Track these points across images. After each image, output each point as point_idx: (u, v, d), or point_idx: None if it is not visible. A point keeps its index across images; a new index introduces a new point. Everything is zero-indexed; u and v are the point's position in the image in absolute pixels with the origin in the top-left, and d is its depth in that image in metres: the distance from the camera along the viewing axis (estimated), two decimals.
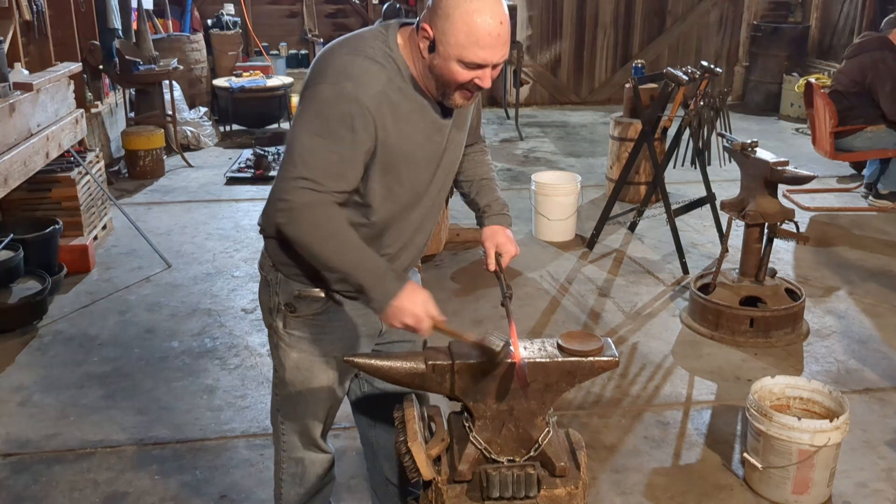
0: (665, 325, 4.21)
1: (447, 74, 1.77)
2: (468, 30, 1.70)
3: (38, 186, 4.80)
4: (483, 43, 1.71)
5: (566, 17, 9.53)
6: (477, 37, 1.70)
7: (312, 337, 2.08)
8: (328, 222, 1.80)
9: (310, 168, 1.77)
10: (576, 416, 3.38)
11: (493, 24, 1.71)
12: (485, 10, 1.70)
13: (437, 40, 1.74)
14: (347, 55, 1.81)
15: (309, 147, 1.78)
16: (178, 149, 7.29)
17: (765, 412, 2.80)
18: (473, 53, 1.72)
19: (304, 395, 2.15)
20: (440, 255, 5.01)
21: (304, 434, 2.22)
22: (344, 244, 1.82)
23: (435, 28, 1.74)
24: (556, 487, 1.86)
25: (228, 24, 8.87)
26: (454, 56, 1.73)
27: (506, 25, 1.73)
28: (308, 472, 2.27)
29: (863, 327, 4.18)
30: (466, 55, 1.72)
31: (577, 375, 1.86)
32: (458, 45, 1.71)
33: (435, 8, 1.75)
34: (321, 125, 1.77)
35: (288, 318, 2.07)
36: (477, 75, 1.77)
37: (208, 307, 4.38)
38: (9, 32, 4.82)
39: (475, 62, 1.74)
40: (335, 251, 1.81)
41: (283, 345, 2.11)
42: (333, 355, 2.10)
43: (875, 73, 5.67)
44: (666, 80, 4.77)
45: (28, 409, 3.46)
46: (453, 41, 1.72)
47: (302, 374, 2.12)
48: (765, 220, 3.95)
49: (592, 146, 7.84)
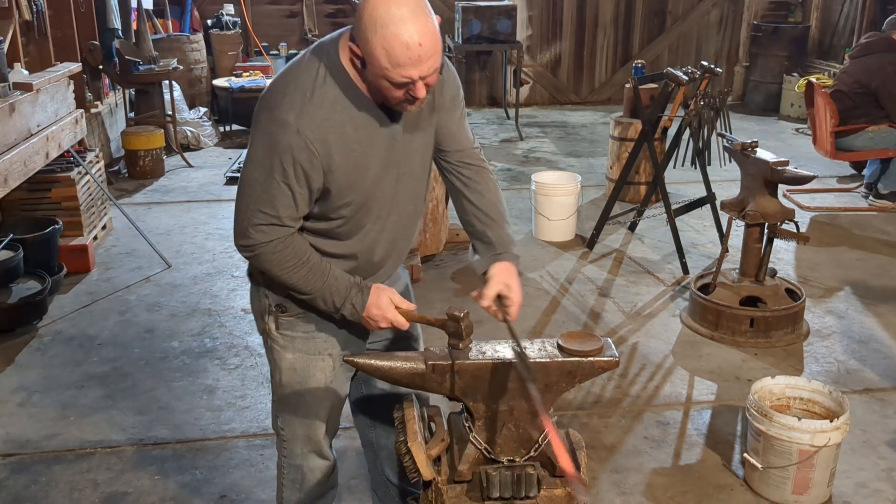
0: (665, 325, 4.21)
1: (381, 90, 1.78)
2: (387, 54, 1.69)
3: (38, 186, 4.80)
4: (404, 64, 1.70)
5: (566, 17, 9.53)
6: (396, 59, 1.69)
7: (305, 335, 2.08)
8: (291, 256, 1.90)
9: (263, 207, 1.84)
10: (576, 416, 3.38)
11: (411, 45, 1.68)
12: (401, 33, 1.68)
13: (364, 59, 1.75)
14: (293, 81, 1.83)
15: (259, 186, 1.83)
16: (178, 149, 7.29)
17: (765, 412, 2.80)
18: (398, 74, 1.71)
19: (303, 397, 2.14)
20: (440, 255, 5.01)
21: (307, 439, 2.20)
22: (309, 272, 1.92)
23: (361, 48, 1.74)
24: (556, 487, 1.86)
25: (228, 24, 8.87)
26: (380, 76, 1.74)
27: (427, 42, 1.70)
28: (307, 478, 2.26)
29: (863, 327, 4.17)
30: (391, 76, 1.72)
31: (577, 375, 1.86)
32: (382, 66, 1.71)
33: (358, 28, 1.74)
34: (267, 160, 1.81)
35: (280, 318, 2.08)
36: (408, 89, 1.76)
37: (208, 307, 4.38)
38: (9, 32, 4.82)
39: (401, 82, 1.74)
40: (301, 279, 1.92)
41: (277, 347, 2.12)
42: (329, 352, 2.10)
43: (882, 76, 5.67)
44: (666, 80, 4.77)
45: (28, 409, 3.46)
46: (376, 63, 1.72)
47: (298, 374, 2.11)
48: (765, 220, 3.95)
49: (592, 146, 7.84)
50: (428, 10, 1.73)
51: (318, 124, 1.79)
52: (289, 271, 1.91)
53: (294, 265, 1.90)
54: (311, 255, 1.93)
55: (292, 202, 1.84)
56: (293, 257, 1.90)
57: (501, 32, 8.09)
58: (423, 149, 2.02)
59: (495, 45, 8.27)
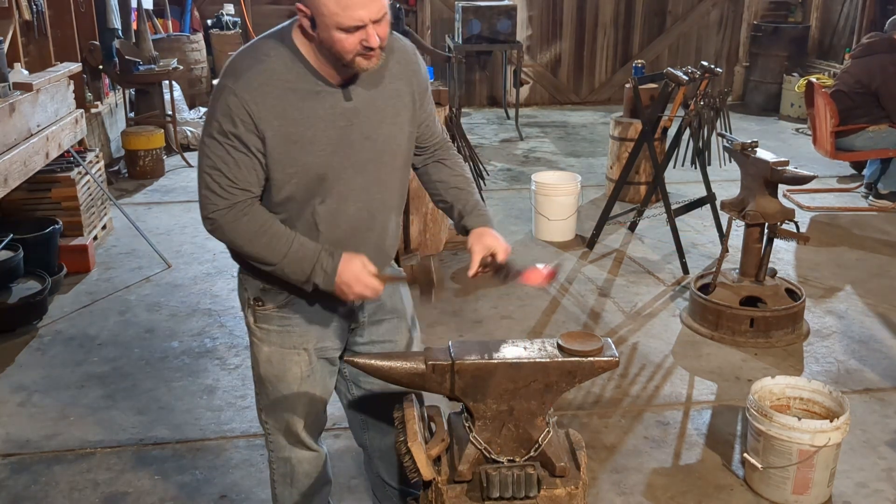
0: (665, 325, 4.21)
1: (334, 45, 1.78)
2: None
3: (38, 186, 4.80)
4: (354, 4, 1.72)
5: (566, 17, 9.53)
6: (346, 2, 1.72)
7: (280, 329, 2.10)
8: (249, 223, 1.89)
9: (212, 171, 1.86)
10: (576, 416, 3.38)
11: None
12: None
13: (314, 15, 1.77)
14: (241, 54, 1.89)
15: (208, 150, 1.87)
16: (177, 149, 7.29)
17: (765, 412, 2.80)
18: (349, 17, 1.73)
19: (280, 390, 2.15)
20: (440, 255, 5.01)
21: (288, 431, 2.22)
22: (273, 238, 1.89)
23: (308, 4, 1.77)
24: (556, 487, 1.86)
25: (228, 24, 8.87)
26: (332, 25, 1.75)
27: None
28: (296, 471, 2.27)
29: (863, 327, 4.18)
30: (343, 21, 1.74)
31: (577, 375, 1.86)
32: (332, 13, 1.73)
33: None
34: (212, 124, 1.85)
35: (257, 311, 2.10)
36: (361, 37, 1.77)
37: (208, 307, 4.38)
38: (9, 32, 4.82)
39: (354, 25, 1.75)
40: (264, 248, 1.90)
41: (255, 340, 2.14)
42: (304, 347, 2.11)
43: (883, 76, 5.67)
44: (666, 80, 4.77)
45: (28, 409, 3.46)
46: (326, 11, 1.73)
47: (274, 367, 2.13)
48: (765, 220, 3.95)
49: (592, 146, 7.84)
50: None
51: (256, 88, 1.82)
52: (250, 240, 1.90)
53: (255, 232, 1.89)
54: (273, 223, 1.91)
55: (237, 165, 1.85)
56: (252, 224, 1.89)
57: (501, 32, 8.09)
58: (394, 143, 2.00)
59: (495, 45, 8.27)
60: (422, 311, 2.06)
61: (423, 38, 8.73)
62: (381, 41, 1.80)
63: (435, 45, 8.80)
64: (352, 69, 1.85)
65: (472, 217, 2.12)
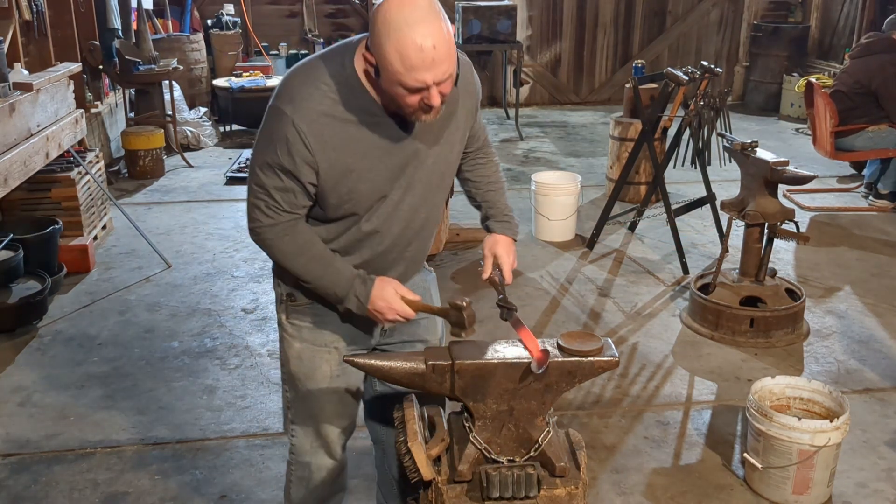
0: (665, 325, 4.21)
1: (395, 97, 1.77)
2: (401, 58, 1.68)
3: (38, 186, 4.80)
4: (418, 67, 1.69)
5: (566, 17, 9.53)
6: (411, 63, 1.68)
7: (313, 325, 2.10)
8: (292, 243, 1.93)
9: (261, 192, 1.89)
10: (576, 416, 3.38)
11: (425, 48, 1.67)
12: (415, 36, 1.67)
13: (378, 66, 1.74)
14: (298, 77, 1.86)
15: (262, 178, 1.87)
16: (178, 149, 7.29)
17: (765, 412, 2.80)
18: (412, 78, 1.70)
19: (310, 389, 2.15)
20: (440, 255, 5.01)
21: (317, 435, 2.21)
22: (311, 260, 1.94)
23: (374, 55, 1.74)
24: (556, 487, 1.86)
25: (228, 24, 8.87)
26: (395, 81, 1.72)
27: (441, 45, 1.69)
28: (314, 476, 2.27)
29: (863, 327, 4.18)
30: (406, 81, 1.71)
31: (577, 375, 1.86)
32: (396, 72, 1.70)
33: (371, 35, 1.74)
34: (268, 151, 1.85)
35: (289, 307, 2.11)
36: (423, 96, 1.75)
37: (208, 307, 4.38)
38: (9, 32, 4.82)
39: (415, 87, 1.72)
40: (303, 267, 1.95)
41: (286, 336, 2.14)
42: (335, 345, 2.12)
43: (882, 76, 5.67)
44: (666, 80, 4.77)
45: (28, 409, 3.46)
46: (390, 69, 1.71)
47: (304, 364, 2.13)
48: (765, 220, 3.95)
49: (592, 146, 7.84)
50: (441, 14, 1.72)
51: (315, 120, 1.81)
52: (289, 258, 1.94)
53: (294, 253, 1.93)
54: (314, 245, 1.94)
55: (287, 191, 1.86)
56: (293, 244, 1.92)
57: (501, 32, 8.09)
58: (444, 163, 2.02)
59: (495, 45, 8.27)
60: None
61: None
62: (442, 98, 1.78)
63: None
64: (409, 118, 1.85)
65: (493, 222, 2.20)
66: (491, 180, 2.23)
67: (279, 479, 2.95)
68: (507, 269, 2.12)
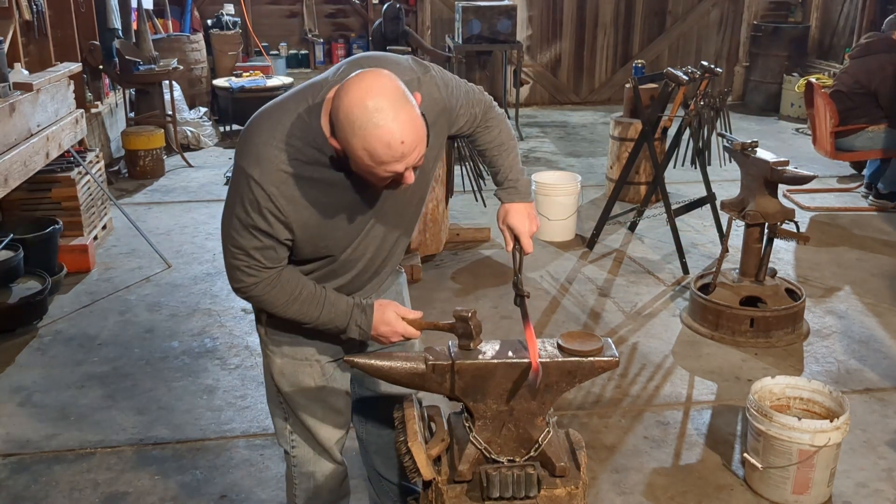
0: (665, 325, 4.21)
1: (368, 178, 1.71)
2: (369, 155, 1.62)
3: (38, 186, 4.80)
4: (388, 162, 1.63)
5: (566, 17, 9.53)
6: (381, 159, 1.62)
7: (291, 339, 2.07)
8: (280, 294, 1.89)
9: (239, 253, 1.83)
10: (576, 416, 3.38)
11: (393, 144, 1.60)
12: (381, 134, 1.59)
13: (346, 154, 1.67)
14: (262, 135, 1.77)
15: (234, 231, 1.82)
16: (178, 149, 7.29)
17: (765, 412, 2.80)
18: (383, 170, 1.65)
19: (297, 400, 2.13)
20: (440, 255, 5.01)
21: (314, 441, 2.19)
22: (304, 304, 1.91)
23: (341, 146, 1.67)
24: (556, 487, 1.86)
25: (228, 24, 8.87)
26: (365, 171, 1.68)
27: (409, 137, 1.62)
28: (321, 486, 2.24)
29: (863, 327, 4.18)
30: (377, 172, 1.66)
31: (577, 375, 1.86)
32: (366, 165, 1.65)
33: (335, 126, 1.65)
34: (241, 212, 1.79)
35: (267, 322, 2.08)
36: (395, 178, 1.69)
37: (208, 307, 4.38)
38: (9, 32, 4.82)
39: (386, 176, 1.68)
40: (298, 312, 1.92)
41: (267, 351, 2.12)
42: (315, 359, 2.09)
43: (882, 76, 5.67)
44: (666, 80, 4.77)
45: (28, 409, 3.46)
46: (360, 162, 1.65)
47: (287, 378, 2.11)
48: (765, 220, 3.95)
49: (592, 146, 7.84)
50: (406, 96, 1.64)
51: (283, 182, 1.75)
52: (283, 307, 1.91)
53: (286, 301, 1.90)
54: (302, 288, 1.91)
55: (265, 249, 1.82)
56: (283, 295, 1.89)
57: (501, 32, 8.09)
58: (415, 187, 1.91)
59: (495, 45, 8.27)
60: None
61: (423, 38, 8.73)
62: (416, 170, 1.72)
63: (435, 45, 8.80)
64: None
65: (499, 190, 2.14)
66: (495, 144, 2.14)
67: (279, 479, 2.96)
68: (525, 239, 2.07)
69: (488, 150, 2.15)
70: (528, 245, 2.08)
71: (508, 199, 2.12)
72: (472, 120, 2.09)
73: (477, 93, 2.10)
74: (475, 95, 2.08)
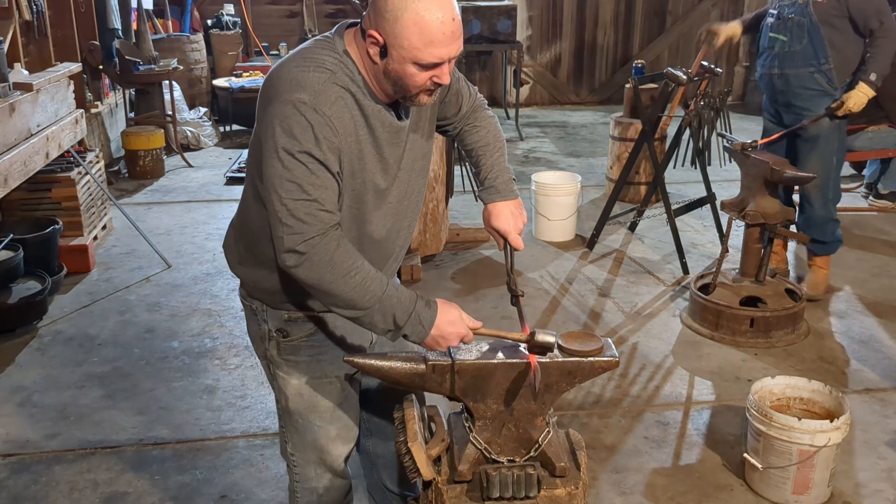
0: (665, 325, 4.21)
1: (404, 78, 1.69)
2: (420, 30, 1.61)
3: (38, 186, 4.80)
4: (438, 41, 1.63)
5: (566, 17, 9.53)
6: (431, 36, 1.62)
7: (310, 359, 2.00)
8: (344, 258, 1.69)
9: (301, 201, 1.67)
10: (576, 416, 3.38)
11: (445, 21, 1.62)
12: (434, 7, 1.60)
13: (388, 45, 1.65)
14: (297, 68, 1.72)
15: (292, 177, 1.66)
16: (178, 149, 7.29)
17: (765, 412, 2.80)
18: (429, 53, 1.64)
19: (312, 422, 2.06)
20: (440, 255, 5.01)
21: (320, 461, 2.12)
22: (365, 279, 1.70)
23: (384, 32, 1.64)
24: (556, 487, 1.86)
25: (228, 24, 8.88)
26: (409, 59, 1.65)
27: (458, 19, 1.65)
28: (323, 499, 2.18)
29: (863, 327, 4.17)
30: (422, 56, 1.64)
31: (577, 375, 1.86)
32: (413, 47, 1.63)
33: (381, 11, 1.64)
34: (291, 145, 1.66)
35: (281, 343, 1.99)
36: (434, 74, 1.69)
37: (208, 307, 4.38)
38: (9, 32, 4.82)
39: (432, 62, 1.66)
40: (356, 288, 1.69)
41: (280, 373, 2.03)
42: (335, 374, 2.03)
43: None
44: (666, 80, 4.77)
45: (28, 409, 3.45)
46: (406, 44, 1.63)
47: (305, 400, 2.03)
48: (765, 221, 3.95)
49: (592, 146, 7.84)
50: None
51: (334, 103, 1.69)
52: (343, 277, 1.68)
53: (348, 270, 1.68)
54: (364, 263, 1.72)
55: (323, 186, 1.68)
56: (347, 259, 1.68)
57: (501, 32, 8.09)
58: (425, 149, 1.97)
59: (495, 45, 8.27)
60: None
61: None
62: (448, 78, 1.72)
63: None
64: (410, 103, 1.78)
65: (481, 191, 2.05)
66: (480, 144, 2.08)
67: (279, 479, 2.96)
68: (513, 238, 1.98)
69: (473, 151, 2.09)
70: (516, 242, 1.98)
71: (489, 200, 2.02)
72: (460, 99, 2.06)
73: (473, 88, 2.11)
74: (470, 88, 2.10)
